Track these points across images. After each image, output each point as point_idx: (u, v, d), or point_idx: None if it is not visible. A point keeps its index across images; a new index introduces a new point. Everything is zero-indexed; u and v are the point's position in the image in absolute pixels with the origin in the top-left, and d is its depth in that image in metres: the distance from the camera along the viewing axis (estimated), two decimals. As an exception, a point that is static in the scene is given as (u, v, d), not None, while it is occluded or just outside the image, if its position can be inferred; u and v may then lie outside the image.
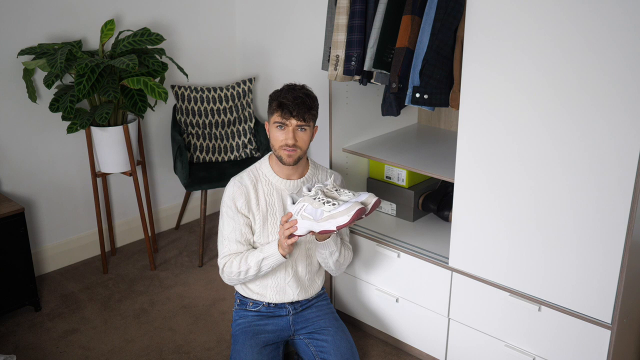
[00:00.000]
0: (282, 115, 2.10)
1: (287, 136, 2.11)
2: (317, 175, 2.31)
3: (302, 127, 2.12)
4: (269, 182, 2.22)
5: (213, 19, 3.64)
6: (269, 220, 2.21)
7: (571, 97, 1.83)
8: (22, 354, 2.56)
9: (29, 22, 2.90)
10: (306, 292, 2.31)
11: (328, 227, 1.97)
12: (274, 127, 2.14)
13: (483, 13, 1.95)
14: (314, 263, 2.32)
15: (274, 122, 2.14)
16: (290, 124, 2.11)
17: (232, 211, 2.19)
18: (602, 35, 1.72)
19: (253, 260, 2.13)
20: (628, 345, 2.11)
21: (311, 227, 2.01)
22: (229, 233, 2.19)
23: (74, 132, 2.79)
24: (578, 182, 1.88)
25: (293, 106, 2.08)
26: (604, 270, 1.89)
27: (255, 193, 2.20)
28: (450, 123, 2.88)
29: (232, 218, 2.19)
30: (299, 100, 2.09)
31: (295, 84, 2.20)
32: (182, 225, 3.77)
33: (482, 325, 2.26)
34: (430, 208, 2.67)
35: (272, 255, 2.11)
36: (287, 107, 2.08)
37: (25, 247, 2.77)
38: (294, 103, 2.08)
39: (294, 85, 2.18)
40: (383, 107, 2.47)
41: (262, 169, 2.24)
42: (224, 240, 2.21)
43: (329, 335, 2.23)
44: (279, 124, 2.12)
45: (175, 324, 2.77)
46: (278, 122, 2.12)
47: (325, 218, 1.97)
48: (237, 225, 2.19)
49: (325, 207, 1.98)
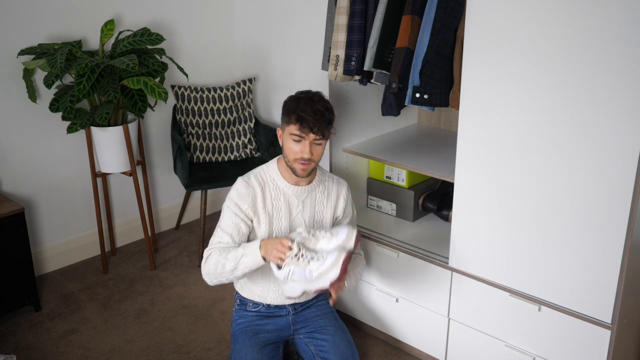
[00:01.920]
0: (301, 129, 2.03)
1: (303, 150, 2.05)
2: (325, 181, 2.25)
3: (318, 140, 2.07)
4: (276, 186, 2.17)
5: (213, 19, 3.64)
6: (274, 225, 2.18)
7: (571, 98, 1.83)
8: (22, 354, 2.56)
9: (29, 22, 2.90)
10: (307, 295, 2.31)
11: (322, 286, 1.92)
12: (289, 138, 2.07)
13: (483, 13, 1.95)
14: None
15: (291, 134, 2.06)
16: (308, 138, 2.05)
17: (236, 208, 2.13)
18: (602, 34, 1.72)
19: (232, 255, 2.06)
20: (628, 345, 2.11)
21: (305, 288, 1.96)
22: (226, 225, 2.14)
23: (74, 132, 2.80)
24: (578, 182, 1.88)
25: (314, 122, 2.01)
26: (604, 270, 1.89)
27: (262, 196, 2.15)
28: (450, 123, 2.88)
29: (234, 213, 2.13)
30: (319, 115, 2.02)
31: (312, 93, 2.11)
32: (182, 225, 3.77)
33: (482, 325, 2.26)
34: (430, 208, 2.67)
35: (252, 254, 2.03)
36: (307, 122, 2.02)
37: (25, 247, 2.77)
38: (315, 118, 2.01)
39: (311, 95, 2.10)
40: (383, 107, 2.47)
41: (270, 172, 2.19)
42: (218, 231, 2.15)
43: (329, 335, 2.23)
44: (296, 137, 2.06)
45: (175, 324, 2.77)
46: (295, 134, 2.05)
47: (316, 277, 1.91)
48: (237, 221, 2.13)
49: (312, 266, 1.92)
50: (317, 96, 2.10)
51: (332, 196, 2.25)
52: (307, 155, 2.06)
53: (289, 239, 1.97)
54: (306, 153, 2.05)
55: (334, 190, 2.27)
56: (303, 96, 2.09)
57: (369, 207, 2.83)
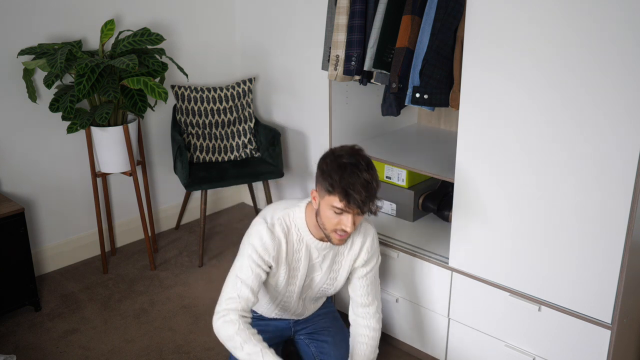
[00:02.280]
0: (347, 206, 1.82)
1: (345, 223, 1.85)
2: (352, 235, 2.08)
3: None
4: (300, 237, 2.00)
5: (213, 19, 3.64)
6: (291, 272, 2.05)
7: (571, 98, 1.83)
8: (22, 354, 2.56)
9: (29, 22, 2.90)
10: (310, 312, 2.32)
11: None
12: (329, 209, 1.85)
13: (483, 13, 1.95)
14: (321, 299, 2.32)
15: (333, 206, 1.84)
16: (352, 212, 1.84)
17: (259, 260, 1.94)
18: (601, 34, 1.72)
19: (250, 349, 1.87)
20: (628, 345, 2.11)
21: None
22: (246, 277, 1.93)
23: (74, 132, 2.79)
24: (578, 182, 1.88)
25: (364, 200, 1.81)
26: (604, 270, 1.89)
27: (286, 246, 1.98)
28: (450, 123, 2.88)
29: (256, 264, 1.94)
30: (368, 191, 1.81)
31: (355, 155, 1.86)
32: (182, 225, 3.77)
33: (482, 325, 2.26)
34: (430, 208, 2.67)
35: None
36: (355, 200, 1.80)
37: (25, 247, 2.77)
38: (364, 196, 1.80)
39: (356, 160, 1.84)
40: (383, 107, 2.47)
41: (296, 221, 2.00)
42: (237, 282, 1.93)
43: (330, 336, 2.23)
44: (339, 210, 1.84)
45: (175, 324, 2.77)
46: (338, 208, 1.84)
47: None
48: (258, 272, 1.95)
49: None
50: (362, 161, 1.85)
51: (355, 247, 2.10)
52: (349, 230, 1.86)
53: None
54: (349, 227, 1.86)
55: (358, 241, 2.09)
56: (347, 162, 1.84)
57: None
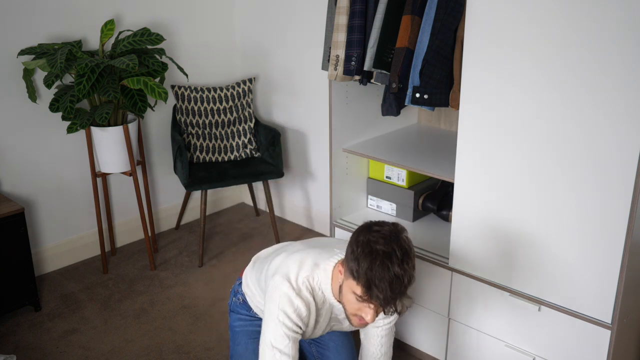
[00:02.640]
0: (369, 300, 1.64)
1: (366, 313, 1.69)
2: None
3: None
4: (324, 299, 1.86)
5: (213, 19, 3.64)
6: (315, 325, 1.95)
7: (571, 98, 1.83)
8: (22, 354, 2.56)
9: (29, 22, 2.90)
10: None
11: None
12: (350, 293, 1.69)
13: (483, 13, 1.95)
14: None
15: (353, 292, 1.66)
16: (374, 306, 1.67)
17: (293, 325, 1.80)
18: (601, 34, 1.72)
19: None
20: (628, 345, 2.11)
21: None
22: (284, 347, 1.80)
23: (74, 132, 2.79)
24: (578, 182, 1.88)
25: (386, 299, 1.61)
26: (604, 270, 1.89)
27: (314, 316, 1.87)
28: (450, 123, 2.88)
29: (291, 330, 1.80)
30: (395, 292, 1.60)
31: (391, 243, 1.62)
32: (182, 225, 3.77)
33: (482, 325, 2.26)
34: (430, 208, 2.67)
35: None
36: (377, 297, 1.61)
37: (25, 247, 2.77)
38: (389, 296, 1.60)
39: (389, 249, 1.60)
40: (383, 107, 2.47)
41: (321, 285, 1.84)
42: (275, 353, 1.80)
43: (332, 340, 2.23)
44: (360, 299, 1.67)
45: (175, 324, 2.77)
46: (359, 297, 1.66)
47: None
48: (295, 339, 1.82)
49: None
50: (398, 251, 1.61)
51: None
52: (369, 321, 1.70)
53: None
54: (369, 318, 1.69)
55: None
56: (380, 249, 1.61)
57: (369, 207, 2.83)
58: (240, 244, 3.50)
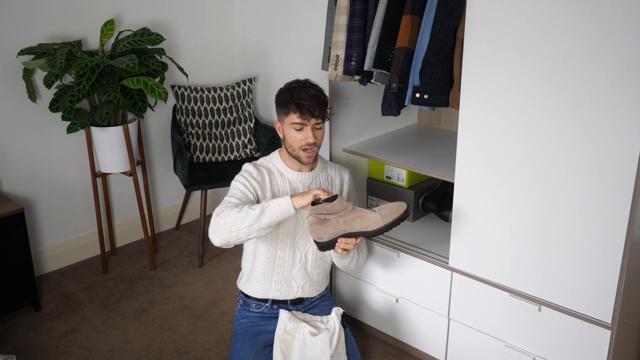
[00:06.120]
0: (302, 116, 2.09)
1: (307, 135, 2.12)
2: (327, 168, 2.32)
3: (318, 124, 2.14)
4: (281, 174, 2.22)
5: (213, 19, 3.64)
6: None
7: (571, 98, 1.83)
8: (22, 354, 2.56)
9: (29, 22, 2.90)
10: (311, 287, 2.30)
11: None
12: (290, 128, 2.13)
13: (483, 13, 1.95)
14: (325, 259, 2.32)
15: (292, 123, 2.12)
16: (309, 124, 2.11)
17: (245, 182, 2.14)
18: (602, 34, 1.72)
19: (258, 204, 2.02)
20: (628, 345, 2.11)
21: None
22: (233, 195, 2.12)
23: (74, 132, 2.79)
24: (578, 182, 1.88)
25: (313, 106, 2.08)
26: (604, 270, 1.89)
27: (269, 182, 2.20)
28: (450, 123, 2.88)
29: (243, 185, 2.14)
30: (316, 100, 2.10)
31: (301, 81, 2.18)
32: (182, 225, 3.77)
33: (482, 325, 2.26)
34: (430, 208, 2.67)
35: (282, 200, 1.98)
36: (306, 107, 2.08)
37: (25, 247, 2.77)
38: (313, 103, 2.09)
39: (302, 82, 2.17)
40: (383, 107, 2.47)
41: (273, 162, 2.25)
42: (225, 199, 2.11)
43: None
44: (298, 126, 2.11)
45: (175, 324, 2.77)
46: (297, 123, 2.11)
47: None
48: (246, 192, 2.13)
49: None
50: (308, 82, 2.17)
51: (335, 181, 2.33)
52: (312, 140, 2.12)
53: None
54: (311, 138, 2.12)
55: (337, 176, 2.34)
56: (295, 85, 2.16)
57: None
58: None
